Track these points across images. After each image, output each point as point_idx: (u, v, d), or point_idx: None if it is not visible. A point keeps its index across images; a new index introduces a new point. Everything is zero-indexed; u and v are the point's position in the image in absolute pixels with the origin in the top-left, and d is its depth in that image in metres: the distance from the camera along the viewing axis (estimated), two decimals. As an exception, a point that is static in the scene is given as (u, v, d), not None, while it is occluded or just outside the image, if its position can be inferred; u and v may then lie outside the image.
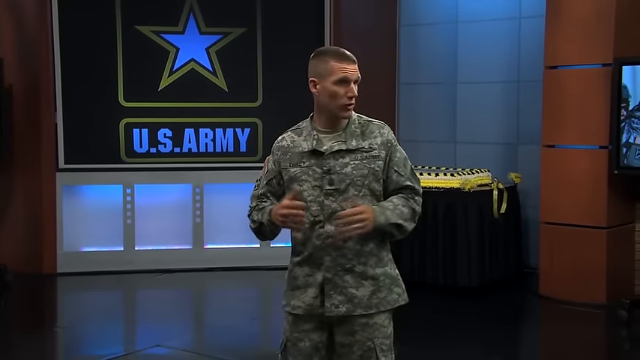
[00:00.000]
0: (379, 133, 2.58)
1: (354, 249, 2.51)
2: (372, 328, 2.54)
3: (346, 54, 2.58)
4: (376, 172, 2.53)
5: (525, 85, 6.75)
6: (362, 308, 2.52)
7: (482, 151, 6.98)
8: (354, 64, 2.57)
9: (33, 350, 4.87)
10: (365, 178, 2.52)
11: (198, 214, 6.91)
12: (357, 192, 2.51)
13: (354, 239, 2.49)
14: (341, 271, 2.52)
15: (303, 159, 2.57)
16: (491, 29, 6.93)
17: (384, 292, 2.55)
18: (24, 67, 6.67)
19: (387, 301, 2.56)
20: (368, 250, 2.53)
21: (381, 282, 2.55)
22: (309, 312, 2.55)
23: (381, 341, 2.55)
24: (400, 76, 7.46)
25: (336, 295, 2.51)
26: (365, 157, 2.53)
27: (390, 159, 2.56)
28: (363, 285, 2.52)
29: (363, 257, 2.52)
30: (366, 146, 2.54)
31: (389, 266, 2.59)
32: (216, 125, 6.94)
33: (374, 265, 2.54)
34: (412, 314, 5.55)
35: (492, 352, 4.91)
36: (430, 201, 6.07)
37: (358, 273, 2.52)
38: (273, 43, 6.97)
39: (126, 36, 6.72)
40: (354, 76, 2.55)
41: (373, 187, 2.54)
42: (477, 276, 5.91)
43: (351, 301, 2.51)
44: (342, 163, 2.52)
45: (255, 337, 5.38)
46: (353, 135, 2.56)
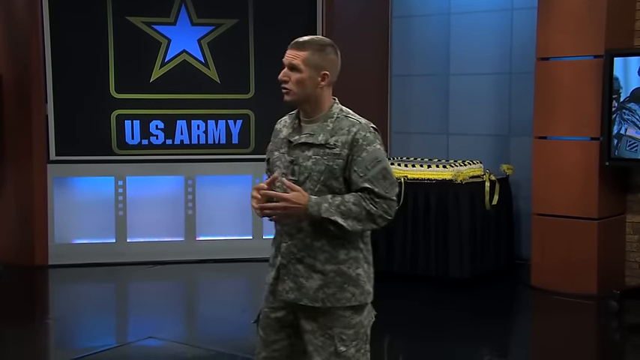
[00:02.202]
0: (348, 130, 2.53)
1: (304, 242, 2.53)
2: (333, 316, 2.54)
3: (295, 41, 2.60)
4: (334, 169, 2.51)
5: (517, 76, 6.76)
6: (308, 299, 2.54)
7: (474, 142, 6.99)
8: (295, 50, 2.57)
9: (24, 342, 4.85)
10: (321, 174, 2.51)
11: (190, 206, 6.90)
12: (312, 186, 2.51)
13: (303, 232, 2.52)
14: (293, 259, 2.56)
15: (282, 145, 2.63)
16: (484, 21, 6.93)
17: (332, 289, 2.53)
18: (14, 58, 6.63)
19: (335, 298, 2.53)
20: (319, 246, 2.52)
21: (330, 279, 2.53)
22: (270, 291, 2.64)
23: (341, 331, 2.54)
24: (392, 68, 7.46)
25: (288, 281, 2.57)
26: (326, 153, 2.52)
27: (353, 158, 2.50)
28: (312, 277, 2.54)
29: (312, 251, 2.53)
30: (331, 143, 2.52)
31: (346, 265, 2.55)
32: (209, 117, 6.92)
33: (324, 261, 2.53)
34: (404, 306, 5.61)
35: (484, 343, 4.93)
36: (422, 192, 6.09)
37: (308, 265, 2.54)
38: (265, 35, 6.95)
39: (117, 27, 6.68)
40: (286, 61, 2.58)
41: (330, 184, 2.52)
42: (468, 267, 5.92)
43: (299, 290, 2.55)
44: (305, 156, 2.54)
45: (246, 328, 5.35)
46: (323, 129, 2.56)
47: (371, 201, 2.48)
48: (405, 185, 6.13)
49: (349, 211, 2.46)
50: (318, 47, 2.57)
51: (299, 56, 2.55)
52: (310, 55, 2.55)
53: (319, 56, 2.56)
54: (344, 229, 2.47)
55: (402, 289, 6.01)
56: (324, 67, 2.57)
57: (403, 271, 6.18)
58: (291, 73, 2.57)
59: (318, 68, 2.56)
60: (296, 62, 2.56)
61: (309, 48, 2.56)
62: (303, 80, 2.56)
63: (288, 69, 2.58)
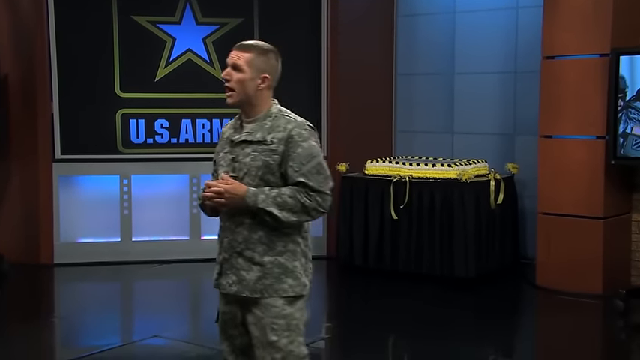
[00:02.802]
0: (284, 128, 2.67)
1: (243, 234, 2.66)
2: (264, 307, 2.66)
3: (239, 43, 2.74)
4: (270, 165, 2.64)
5: (522, 75, 6.74)
6: (249, 291, 2.67)
7: (479, 141, 6.98)
8: (239, 51, 2.70)
9: (30, 340, 4.87)
10: (259, 170, 2.65)
11: (196, 205, 6.89)
12: (250, 181, 2.65)
13: (243, 225, 2.64)
14: (234, 253, 2.68)
15: (225, 146, 2.77)
16: (489, 19, 6.92)
17: (269, 280, 2.66)
18: (20, 57, 6.64)
19: (273, 289, 2.66)
20: (256, 238, 2.65)
21: (268, 270, 2.66)
22: (216, 286, 2.77)
23: (272, 320, 2.65)
24: (397, 67, 7.44)
25: (231, 274, 2.70)
26: (263, 149, 2.65)
27: (288, 154, 2.63)
28: (251, 269, 2.66)
29: (251, 243, 2.65)
30: (268, 140, 2.66)
31: (284, 256, 2.67)
32: (213, 116, 6.92)
33: (262, 253, 2.65)
34: (409, 305, 5.61)
35: (489, 342, 4.92)
36: (427, 192, 6.08)
37: (247, 257, 2.67)
38: (270, 34, 6.94)
39: (122, 26, 6.69)
40: (230, 61, 2.71)
41: (267, 179, 2.64)
42: (473, 267, 5.92)
43: (240, 283, 2.68)
44: (244, 153, 2.68)
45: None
46: (262, 128, 2.69)
47: (305, 194, 2.61)
48: (409, 184, 6.13)
49: (284, 203, 2.59)
50: (261, 51, 2.72)
51: (242, 57, 2.69)
52: (253, 58, 2.69)
53: (262, 60, 2.71)
54: (278, 220, 2.60)
55: (406, 288, 6.00)
56: (265, 71, 2.72)
57: (408, 269, 6.17)
58: (233, 72, 2.69)
59: (260, 71, 2.70)
60: (239, 62, 2.68)
61: (253, 51, 2.71)
62: (244, 80, 2.68)
63: (231, 68, 2.70)
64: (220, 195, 2.61)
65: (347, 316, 5.55)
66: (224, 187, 2.61)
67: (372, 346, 4.71)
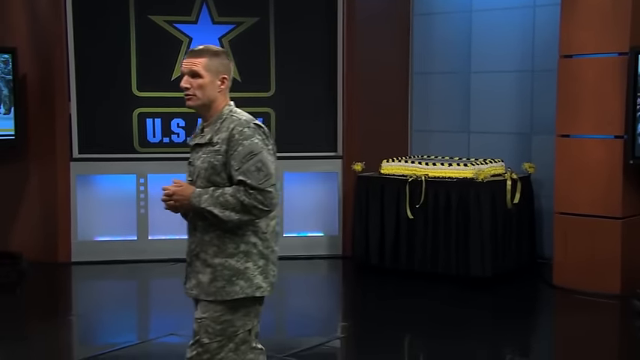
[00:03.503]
0: (227, 128, 2.67)
1: (197, 237, 2.70)
2: (206, 308, 2.69)
3: (192, 49, 2.75)
4: (215, 165, 2.66)
5: (539, 74, 6.70)
6: (205, 294, 2.69)
7: (495, 141, 6.94)
8: (194, 57, 2.70)
9: (48, 338, 4.90)
10: (206, 171, 2.68)
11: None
12: (201, 184, 2.68)
13: (197, 229, 2.69)
14: (193, 256, 2.73)
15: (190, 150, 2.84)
16: (506, 18, 6.88)
17: (220, 282, 2.66)
18: (38, 57, 6.69)
19: (225, 291, 2.66)
20: (208, 240, 2.68)
21: (218, 272, 2.67)
22: (185, 291, 2.81)
23: (208, 323, 2.67)
24: (413, 66, 7.42)
25: (192, 278, 2.74)
26: (210, 151, 2.68)
27: (230, 154, 2.64)
28: (205, 272, 2.69)
29: (204, 246, 2.68)
30: (214, 141, 2.67)
31: (235, 258, 2.66)
32: (229, 115, 6.93)
33: (212, 255, 2.67)
34: (424, 304, 5.60)
35: (505, 342, 4.89)
36: (443, 191, 6.06)
37: (202, 260, 2.70)
38: (286, 33, 6.96)
39: (139, 26, 6.73)
40: (186, 69, 2.71)
41: (214, 179, 2.66)
42: (490, 266, 5.89)
43: (198, 286, 2.71)
44: (197, 157, 2.73)
45: (268, 325, 5.38)
46: (213, 130, 2.71)
47: (245, 192, 2.60)
48: (425, 183, 6.11)
49: (226, 202, 2.60)
50: (213, 53, 2.72)
51: (198, 63, 2.69)
52: (209, 61, 2.69)
53: (216, 61, 2.71)
54: (220, 219, 2.60)
55: (422, 288, 5.99)
56: (222, 72, 2.72)
57: (424, 269, 6.16)
58: (192, 79, 2.70)
59: (217, 73, 2.71)
60: (196, 68, 2.69)
61: (206, 54, 2.70)
62: (205, 85, 2.69)
63: (189, 76, 2.70)
64: (170, 197, 2.67)
65: (362, 315, 5.55)
66: (173, 189, 2.66)
67: (387, 345, 4.70)
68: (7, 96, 6.49)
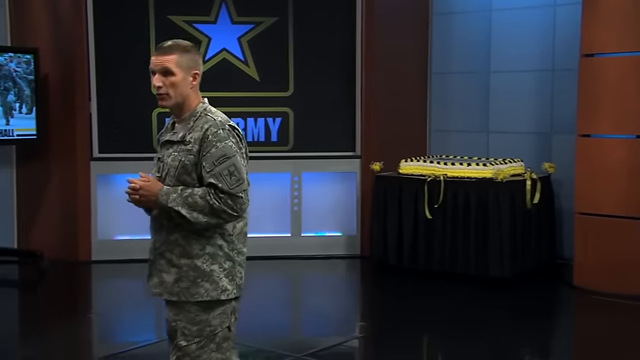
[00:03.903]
0: (201, 127, 2.61)
1: (162, 236, 2.66)
2: (179, 309, 2.64)
3: (161, 45, 2.66)
4: (186, 165, 2.60)
5: (560, 73, 6.65)
6: (168, 293, 2.66)
7: (515, 140, 6.90)
8: (164, 55, 2.62)
9: (68, 335, 4.95)
10: (176, 170, 2.63)
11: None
12: (170, 182, 2.63)
13: (163, 227, 2.64)
14: (157, 254, 2.69)
15: (159, 147, 2.79)
16: (526, 17, 6.84)
17: (185, 283, 2.62)
18: (59, 57, 6.75)
19: (189, 292, 2.61)
20: (173, 240, 2.63)
21: (184, 273, 2.62)
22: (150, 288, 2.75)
23: (184, 325, 2.62)
24: (432, 66, 7.40)
25: (155, 276, 2.71)
26: (181, 149, 2.62)
27: (203, 154, 2.58)
28: (170, 272, 2.65)
29: (170, 245, 2.64)
30: (187, 139, 2.62)
31: (201, 260, 2.61)
32: (248, 115, 6.96)
33: (178, 255, 2.63)
34: (443, 304, 5.58)
35: (524, 343, 4.86)
36: (462, 191, 6.04)
37: (167, 259, 2.66)
38: (305, 33, 6.97)
39: (159, 26, 6.76)
40: (156, 67, 2.63)
41: (183, 179, 2.61)
42: (509, 266, 5.86)
43: (162, 284, 2.68)
44: (167, 154, 2.68)
45: (286, 325, 5.41)
46: (185, 127, 2.65)
47: (215, 196, 2.54)
48: (444, 183, 6.09)
49: (195, 204, 2.54)
50: (183, 49, 2.64)
51: (169, 60, 2.61)
52: (179, 58, 2.62)
53: (187, 57, 2.63)
54: (187, 220, 2.55)
55: (441, 288, 5.97)
56: (193, 68, 2.65)
57: (442, 269, 6.14)
58: (164, 78, 2.62)
59: (189, 69, 2.64)
60: (168, 65, 2.61)
61: (176, 51, 2.62)
62: (178, 82, 2.62)
63: (160, 74, 2.62)
64: (135, 191, 2.61)
65: (380, 315, 5.54)
66: (140, 184, 2.61)
67: (406, 345, 4.69)
68: (29, 96, 6.56)
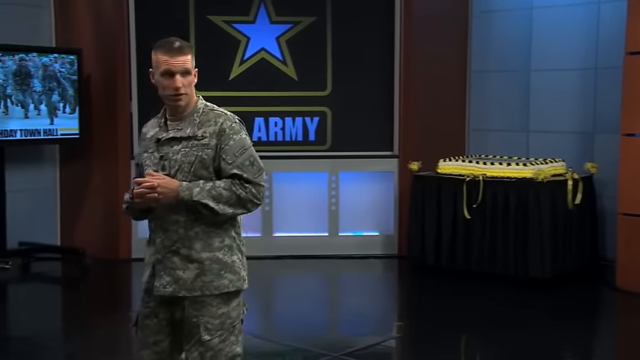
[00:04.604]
0: (214, 122, 2.65)
1: (178, 232, 2.62)
2: (200, 305, 2.63)
3: (172, 46, 2.64)
4: (204, 159, 2.62)
5: (603, 71, 6.53)
6: (186, 290, 2.63)
7: (556, 140, 6.80)
8: (181, 55, 2.62)
9: (109, 332, 5.02)
10: (192, 165, 2.62)
11: (268, 203, 6.97)
12: (183, 178, 2.61)
13: (178, 223, 2.61)
14: (169, 252, 2.64)
15: (150, 145, 2.72)
16: (568, 15, 6.73)
17: (209, 277, 2.63)
18: (101, 58, 6.86)
19: (213, 285, 2.63)
20: (193, 235, 2.62)
21: (207, 266, 2.63)
22: (149, 289, 2.70)
23: (207, 320, 2.63)
24: (471, 64, 7.33)
25: (165, 275, 2.64)
26: (195, 144, 2.63)
27: (221, 147, 2.62)
28: (188, 268, 2.62)
29: (187, 241, 2.62)
30: (199, 134, 2.63)
31: (222, 252, 2.65)
32: (286, 114, 6.98)
33: (199, 250, 2.62)
34: (481, 305, 5.52)
35: (565, 345, 4.78)
36: (501, 191, 5.98)
37: (184, 256, 2.63)
38: (343, 32, 6.96)
39: (198, 26, 6.83)
40: (177, 68, 2.62)
41: (200, 173, 2.62)
42: (549, 267, 5.78)
43: (176, 282, 2.63)
44: (174, 150, 2.65)
45: (323, 324, 5.41)
46: (191, 123, 2.66)
47: (240, 186, 2.60)
48: (483, 183, 6.03)
49: (220, 196, 2.57)
50: (190, 48, 2.68)
51: (187, 60, 2.64)
52: (191, 57, 2.67)
53: (193, 56, 2.69)
54: (215, 212, 2.57)
55: (479, 288, 5.91)
56: (195, 66, 2.71)
57: (481, 269, 6.08)
58: (182, 78, 2.64)
59: (194, 68, 2.70)
60: (188, 66, 2.65)
61: (188, 50, 2.66)
62: (192, 81, 2.68)
63: (180, 75, 2.63)
64: (153, 189, 2.56)
65: (418, 315, 5.51)
66: (157, 182, 2.57)
67: (444, 346, 4.66)
68: (72, 96, 6.68)
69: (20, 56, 6.37)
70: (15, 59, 6.34)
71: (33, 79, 6.45)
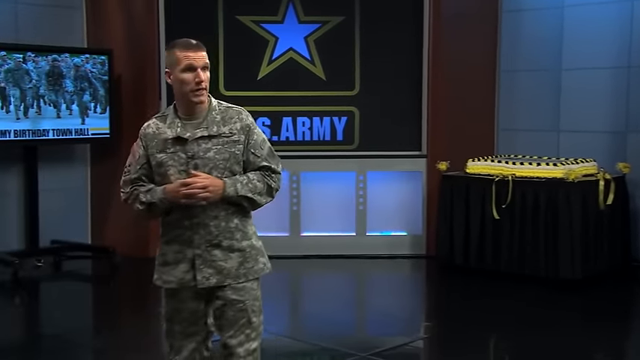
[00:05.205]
0: (238, 118, 2.77)
1: (219, 226, 2.74)
2: (243, 291, 2.79)
3: (191, 43, 2.72)
4: (236, 155, 2.74)
5: (636, 70, 6.44)
6: (231, 278, 2.77)
7: (587, 140, 6.71)
8: (200, 51, 2.71)
9: (139, 330, 5.08)
10: (227, 162, 2.73)
11: (295, 202, 6.99)
12: (219, 174, 2.71)
13: (219, 218, 2.72)
14: (209, 246, 2.74)
15: (168, 145, 2.74)
16: (601, 13, 6.63)
17: (251, 263, 2.80)
18: (131, 58, 6.93)
19: (254, 270, 2.81)
20: (233, 226, 2.76)
21: (248, 253, 2.79)
22: (181, 285, 2.78)
23: (252, 303, 2.81)
24: (501, 64, 7.27)
25: (206, 268, 2.75)
26: (226, 141, 2.73)
27: (248, 142, 2.76)
28: (231, 257, 2.76)
29: (229, 233, 2.75)
30: (227, 131, 2.74)
31: (254, 239, 2.84)
32: (314, 114, 6.99)
33: (240, 239, 2.78)
34: (511, 306, 5.47)
35: (596, 347, 4.72)
36: (530, 191, 5.92)
37: (226, 247, 2.76)
38: (371, 32, 6.95)
39: (227, 26, 6.87)
40: (199, 63, 2.69)
41: (234, 169, 2.74)
42: (580, 268, 5.71)
43: (220, 273, 2.75)
44: (204, 149, 2.72)
45: (351, 324, 5.41)
46: (214, 121, 2.74)
47: (270, 177, 2.78)
48: (512, 183, 5.97)
49: (255, 188, 2.75)
50: (205, 47, 2.75)
51: (206, 57, 2.74)
52: (206, 54, 2.74)
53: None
54: (255, 203, 2.75)
55: (508, 289, 5.86)
56: None
57: (510, 270, 6.03)
58: (203, 73, 2.71)
59: None
60: (207, 62, 2.73)
61: (204, 48, 2.74)
62: (209, 77, 2.75)
63: (201, 70, 2.70)
64: (205, 189, 2.64)
65: (447, 315, 5.47)
66: (205, 182, 2.65)
67: (472, 346, 4.63)
68: (103, 96, 6.76)
69: (53, 57, 6.47)
70: (48, 60, 6.44)
71: (65, 79, 6.54)
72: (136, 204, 2.80)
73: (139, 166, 2.81)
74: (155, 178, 2.77)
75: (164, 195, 2.70)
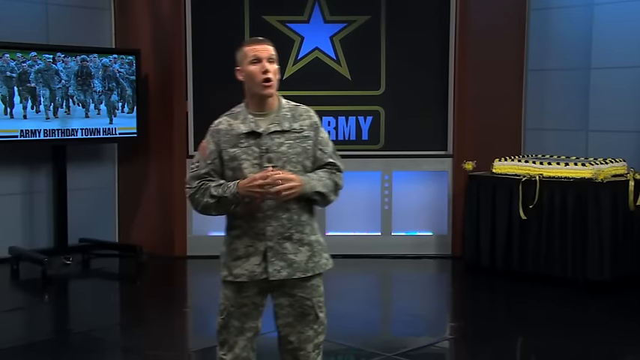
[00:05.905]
0: (307, 116, 2.85)
1: (291, 219, 2.79)
2: (310, 288, 2.86)
3: (257, 38, 2.85)
4: (307, 150, 2.81)
5: (667, 69, 6.34)
6: (300, 272, 2.81)
7: (617, 140, 6.62)
8: (266, 44, 2.81)
9: (165, 328, 5.11)
10: (299, 156, 2.79)
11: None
12: (292, 168, 2.77)
13: (291, 211, 2.77)
14: (281, 239, 2.79)
15: (241, 140, 2.79)
16: (632, 10, 6.54)
17: (317, 257, 2.85)
18: (158, 58, 6.99)
19: (320, 265, 2.87)
20: (304, 220, 2.82)
21: (315, 248, 2.85)
22: (252, 278, 2.82)
23: (318, 299, 2.88)
24: (528, 63, 7.20)
25: (278, 261, 2.79)
26: (297, 137, 2.80)
27: (317, 139, 2.84)
28: (300, 251, 2.81)
29: (300, 226, 2.81)
30: (297, 127, 2.81)
31: (319, 234, 2.90)
32: (339, 113, 6.98)
33: (309, 233, 2.84)
34: (538, 307, 5.42)
35: (625, 351, 4.66)
36: (558, 191, 5.86)
37: (296, 240, 2.80)
38: (397, 31, 6.93)
39: (253, 26, 6.89)
40: (264, 54, 2.78)
41: (305, 164, 2.81)
42: (609, 270, 5.63)
43: (290, 266, 2.80)
44: (277, 143, 2.78)
45: (375, 324, 5.40)
46: (285, 118, 2.81)
47: (336, 175, 2.88)
48: (539, 183, 5.92)
49: (326, 185, 2.82)
50: (273, 45, 2.85)
51: (271, 49, 2.81)
52: (275, 53, 2.82)
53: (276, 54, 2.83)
54: (326, 198, 2.83)
55: (535, 290, 5.81)
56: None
57: (537, 271, 5.97)
58: (269, 65, 2.78)
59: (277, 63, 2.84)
60: (273, 54, 2.81)
61: (270, 42, 2.83)
62: (277, 70, 2.82)
63: (267, 62, 2.77)
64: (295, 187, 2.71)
65: (473, 316, 5.43)
66: (292, 177, 2.71)
67: (498, 347, 4.59)
68: (130, 95, 6.83)
69: (82, 57, 6.55)
70: (77, 60, 6.52)
71: (94, 79, 6.62)
72: (205, 198, 2.83)
73: (209, 161, 2.82)
74: (226, 173, 2.80)
75: (237, 189, 2.73)
